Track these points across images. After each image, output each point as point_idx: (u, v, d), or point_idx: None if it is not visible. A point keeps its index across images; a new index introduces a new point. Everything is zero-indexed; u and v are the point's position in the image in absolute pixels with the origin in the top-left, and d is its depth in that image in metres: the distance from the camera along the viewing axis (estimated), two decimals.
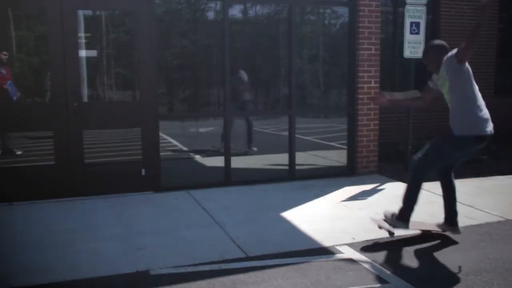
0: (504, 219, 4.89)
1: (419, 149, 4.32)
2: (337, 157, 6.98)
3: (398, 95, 5.12)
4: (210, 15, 6.37)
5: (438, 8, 9.02)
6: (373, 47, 6.68)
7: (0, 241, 4.29)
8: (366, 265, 3.77)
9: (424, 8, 6.78)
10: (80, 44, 5.62)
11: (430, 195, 5.81)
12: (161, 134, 6.01)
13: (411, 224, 4.26)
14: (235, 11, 6.33)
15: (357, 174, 6.83)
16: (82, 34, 5.65)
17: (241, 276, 3.56)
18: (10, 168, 5.56)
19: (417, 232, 4.50)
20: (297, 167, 6.65)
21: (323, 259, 3.88)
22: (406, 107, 7.13)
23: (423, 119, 9.00)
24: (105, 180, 5.80)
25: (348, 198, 5.68)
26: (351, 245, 4.18)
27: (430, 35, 8.89)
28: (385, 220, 4.30)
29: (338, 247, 4.13)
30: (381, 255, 3.97)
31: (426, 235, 4.43)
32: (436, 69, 4.15)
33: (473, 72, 4.02)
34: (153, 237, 4.37)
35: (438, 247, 4.15)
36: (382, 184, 6.34)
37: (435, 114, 9.13)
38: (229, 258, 3.90)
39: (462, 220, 4.86)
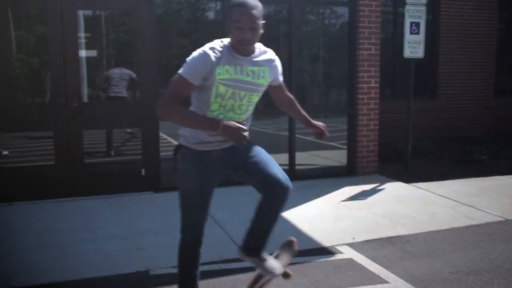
0: (504, 219, 4.89)
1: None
2: (337, 157, 6.98)
3: None
4: (210, 15, 6.38)
5: (438, 8, 9.02)
6: (373, 47, 6.68)
7: (0, 241, 4.29)
8: (366, 265, 3.77)
9: (424, 8, 6.78)
10: (80, 44, 5.62)
11: (430, 195, 5.82)
12: (161, 134, 6.01)
13: None
14: None
15: (357, 174, 6.83)
16: (82, 34, 5.65)
17: (241, 276, 3.56)
18: (10, 168, 5.56)
19: (417, 232, 4.51)
20: (297, 167, 6.65)
21: (323, 259, 3.88)
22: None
23: (422, 119, 9.00)
24: (105, 180, 5.80)
25: (348, 198, 5.68)
26: (351, 245, 4.18)
27: (430, 35, 8.90)
28: None
29: (338, 247, 4.13)
30: (381, 255, 3.97)
31: (427, 235, 4.44)
32: (251, 50, 2.57)
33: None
34: (153, 237, 4.37)
35: (438, 247, 4.15)
36: (382, 184, 6.34)
37: (435, 114, 9.15)
38: (229, 258, 3.90)
39: (462, 220, 4.86)
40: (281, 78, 2.86)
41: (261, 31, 2.51)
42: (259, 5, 2.47)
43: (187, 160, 2.64)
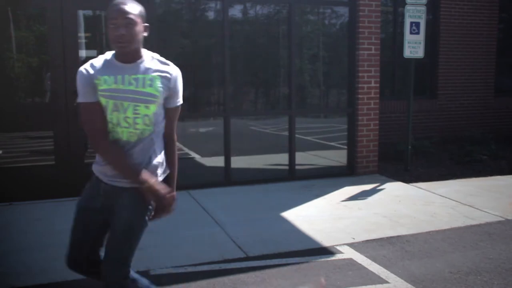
0: (504, 219, 4.89)
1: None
2: (337, 157, 6.98)
3: None
4: (210, 15, 6.37)
5: (438, 8, 9.02)
6: (373, 47, 6.68)
7: (0, 241, 4.29)
8: (366, 265, 3.78)
9: (424, 8, 6.78)
10: (80, 44, 5.62)
11: (430, 195, 5.82)
12: None
13: None
14: (235, 11, 6.33)
15: (357, 174, 6.83)
16: (82, 34, 5.65)
17: (241, 276, 3.56)
18: (10, 168, 5.56)
19: (417, 232, 4.51)
20: (297, 167, 6.65)
21: (323, 259, 3.89)
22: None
23: (422, 119, 9.00)
24: None
25: (348, 198, 5.68)
26: (351, 245, 4.18)
27: (430, 35, 8.90)
28: None
29: (338, 247, 4.13)
30: (381, 255, 3.97)
31: (428, 234, 4.44)
32: (135, 56, 2.34)
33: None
34: (153, 237, 4.36)
35: (438, 247, 4.15)
36: (382, 184, 6.34)
37: (435, 114, 9.15)
38: (229, 258, 3.90)
39: (462, 220, 4.86)
40: (178, 102, 2.45)
41: (144, 33, 2.33)
42: (137, 4, 2.31)
43: (89, 181, 2.56)
